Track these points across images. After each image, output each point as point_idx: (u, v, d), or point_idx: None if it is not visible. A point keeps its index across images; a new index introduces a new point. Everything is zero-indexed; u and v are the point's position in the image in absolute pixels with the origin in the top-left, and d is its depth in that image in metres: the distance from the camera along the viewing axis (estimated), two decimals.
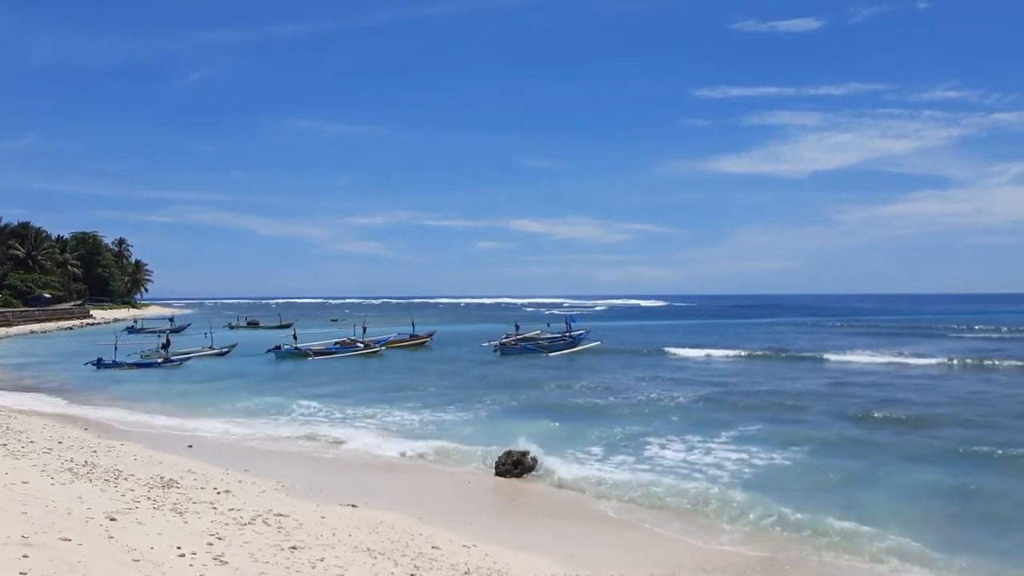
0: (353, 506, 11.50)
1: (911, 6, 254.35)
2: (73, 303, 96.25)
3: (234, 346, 44.56)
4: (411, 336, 48.33)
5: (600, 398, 23.55)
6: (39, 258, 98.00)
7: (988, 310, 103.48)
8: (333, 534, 9.51)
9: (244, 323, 76.59)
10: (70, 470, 12.31)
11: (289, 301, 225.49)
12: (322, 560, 8.19)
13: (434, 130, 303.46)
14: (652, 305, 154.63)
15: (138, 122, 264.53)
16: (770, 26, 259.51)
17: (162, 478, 12.25)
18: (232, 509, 10.29)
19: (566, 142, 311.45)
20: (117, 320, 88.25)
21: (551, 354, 39.52)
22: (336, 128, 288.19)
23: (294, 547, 8.56)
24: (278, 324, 71.16)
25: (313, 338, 45.53)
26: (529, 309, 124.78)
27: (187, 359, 38.42)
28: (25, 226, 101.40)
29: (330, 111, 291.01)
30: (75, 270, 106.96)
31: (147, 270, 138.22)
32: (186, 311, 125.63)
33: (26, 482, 10.80)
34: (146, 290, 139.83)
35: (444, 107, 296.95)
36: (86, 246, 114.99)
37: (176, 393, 26.46)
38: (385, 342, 45.36)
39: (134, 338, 53.93)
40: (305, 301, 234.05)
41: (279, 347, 41.18)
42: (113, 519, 8.85)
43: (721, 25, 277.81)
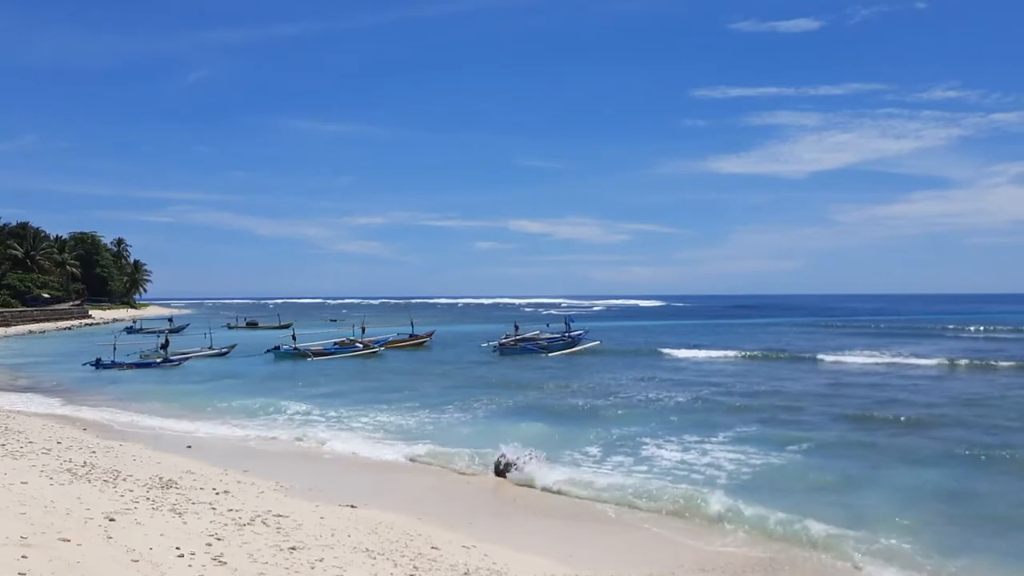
0: (352, 507, 11.50)
1: (910, 6, 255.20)
2: (72, 303, 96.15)
3: (233, 346, 44.56)
4: (410, 336, 48.32)
5: (599, 398, 23.56)
6: (37, 258, 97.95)
7: (987, 310, 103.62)
8: (332, 534, 9.52)
9: (243, 323, 76.55)
10: (69, 470, 12.30)
11: (287, 301, 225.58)
12: (321, 560, 8.19)
13: (433, 130, 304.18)
14: (650, 305, 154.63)
15: (138, 122, 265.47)
16: (770, 26, 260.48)
17: (161, 478, 12.25)
18: (231, 509, 10.30)
19: (565, 142, 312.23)
20: (116, 320, 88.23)
21: (550, 354, 39.52)
22: (336, 128, 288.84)
23: (293, 548, 8.57)
24: (277, 324, 71.12)
25: (312, 338, 45.52)
26: (527, 309, 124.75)
27: (186, 359, 38.42)
28: (23, 226, 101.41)
29: (330, 111, 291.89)
30: (74, 270, 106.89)
31: (146, 270, 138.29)
32: (185, 311, 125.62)
33: (25, 482, 10.80)
34: (145, 290, 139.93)
35: (443, 107, 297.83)
36: (85, 246, 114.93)
37: (175, 393, 26.46)
38: (384, 342, 45.35)
39: (133, 338, 53.97)
40: (303, 301, 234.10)
41: (278, 347, 41.22)
42: (112, 519, 8.86)
43: (720, 25, 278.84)
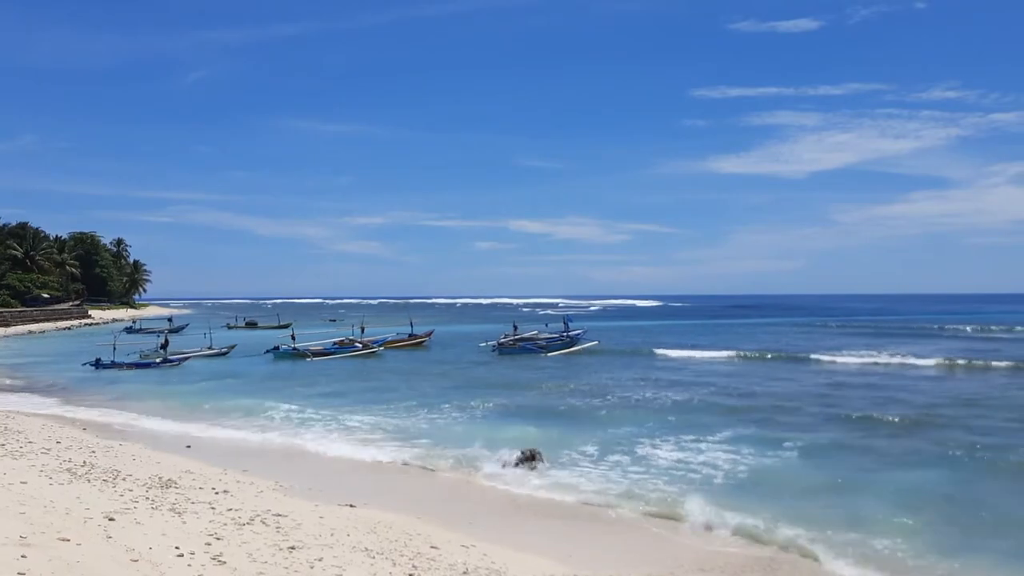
0: (351, 506, 11.52)
1: (909, 6, 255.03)
2: (71, 303, 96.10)
3: (233, 347, 44.56)
4: (409, 336, 48.33)
5: (596, 398, 23.58)
6: (37, 258, 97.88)
7: (986, 310, 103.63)
8: (331, 534, 9.53)
9: (242, 323, 76.53)
10: (68, 470, 12.32)
11: (286, 301, 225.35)
12: (320, 560, 8.21)
13: (433, 130, 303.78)
14: (647, 305, 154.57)
15: (138, 122, 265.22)
16: (769, 26, 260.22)
17: (160, 478, 12.27)
18: (230, 509, 10.31)
19: (565, 142, 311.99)
20: (115, 320, 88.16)
21: (549, 354, 39.57)
22: (335, 128, 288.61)
23: (292, 547, 8.58)
24: (276, 324, 71.12)
25: (311, 338, 45.52)
26: (525, 309, 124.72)
27: (186, 359, 38.40)
28: (23, 226, 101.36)
29: (330, 111, 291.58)
30: (73, 270, 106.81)
31: (145, 270, 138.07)
32: (184, 311, 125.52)
33: (24, 482, 10.82)
34: (144, 290, 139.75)
35: (443, 107, 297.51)
36: (84, 246, 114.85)
37: (175, 393, 26.46)
38: (383, 342, 45.35)
39: (133, 338, 53.95)
40: (302, 301, 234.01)
41: (278, 347, 41.21)
42: (112, 519, 8.87)
43: (720, 25, 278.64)
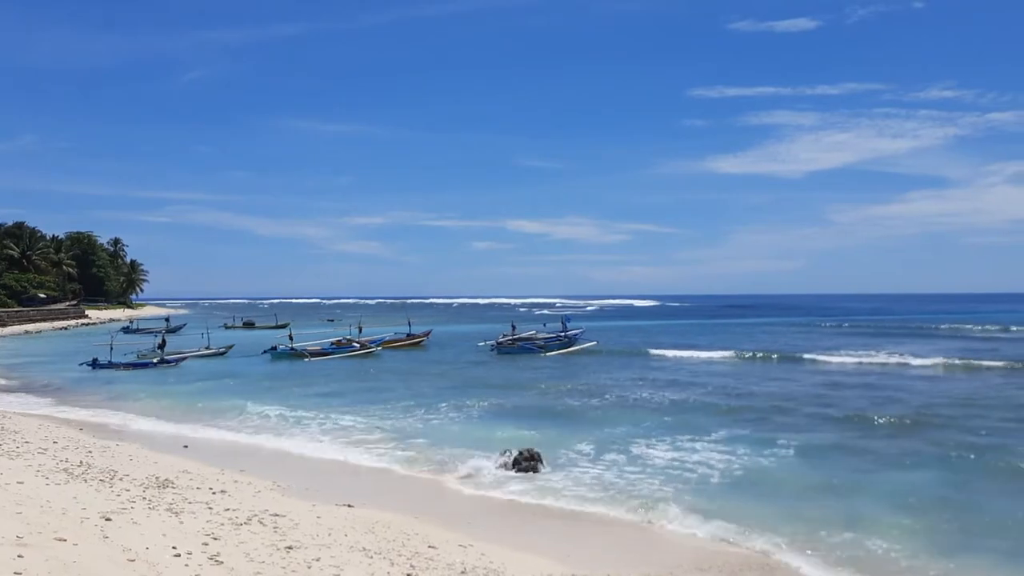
0: (349, 506, 11.50)
1: (907, 6, 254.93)
2: (68, 303, 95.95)
3: (231, 347, 44.54)
4: (407, 336, 48.29)
5: (594, 398, 23.58)
6: (34, 258, 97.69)
7: (983, 309, 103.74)
8: (329, 534, 9.52)
9: (240, 323, 76.47)
10: (65, 470, 12.30)
11: (283, 301, 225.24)
12: (318, 560, 8.19)
13: (432, 130, 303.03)
14: (644, 305, 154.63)
15: (138, 122, 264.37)
16: (767, 26, 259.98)
17: (158, 478, 12.24)
18: (228, 509, 10.29)
19: (563, 142, 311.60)
20: (112, 320, 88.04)
21: (548, 353, 39.61)
22: (334, 128, 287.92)
23: (290, 547, 8.57)
24: (274, 324, 71.06)
25: (309, 338, 45.51)
26: (522, 309, 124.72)
27: (183, 359, 38.36)
28: (20, 226, 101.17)
29: (330, 111, 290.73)
30: (70, 270, 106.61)
31: (143, 270, 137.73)
32: (181, 311, 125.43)
33: (21, 482, 10.79)
34: (142, 290, 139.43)
35: (442, 107, 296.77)
36: (81, 246, 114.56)
37: (172, 394, 26.42)
38: (381, 342, 45.31)
39: (130, 338, 53.88)
40: (299, 301, 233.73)
41: (275, 348, 41.15)
42: (108, 519, 8.85)
43: (718, 25, 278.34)
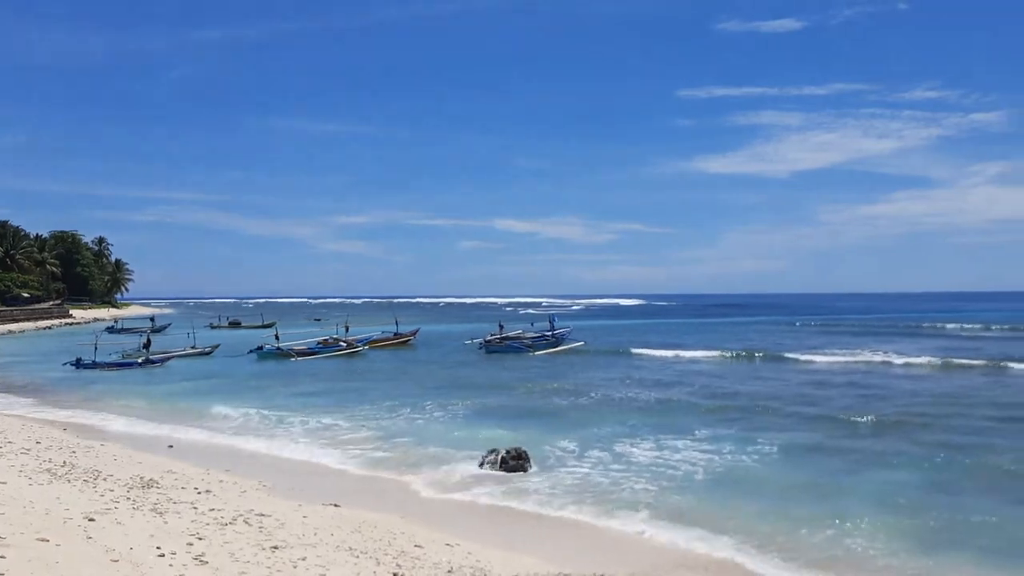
0: (336, 506, 11.48)
1: (892, 7, 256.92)
2: (52, 303, 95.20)
3: (216, 346, 44.34)
4: (395, 335, 48.18)
5: (581, 398, 23.63)
6: (17, 257, 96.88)
7: (967, 308, 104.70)
8: (315, 533, 9.49)
9: (226, 323, 76.05)
10: (48, 471, 12.21)
11: (270, 301, 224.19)
12: (304, 559, 8.17)
13: (419, 130, 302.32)
14: (630, 304, 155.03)
15: (121, 120, 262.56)
16: (753, 26, 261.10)
17: (142, 478, 12.17)
18: (213, 509, 10.25)
19: (551, 142, 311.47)
20: (97, 320, 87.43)
21: (536, 352, 39.68)
22: (322, 128, 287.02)
23: (275, 547, 8.54)
24: (260, 324, 70.70)
25: (296, 338, 45.33)
26: (508, 309, 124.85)
27: (168, 359, 38.13)
28: (3, 225, 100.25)
29: (316, 111, 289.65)
30: (54, 269, 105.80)
31: (128, 269, 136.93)
32: (167, 311, 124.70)
33: (3, 482, 10.70)
34: (127, 290, 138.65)
35: (430, 107, 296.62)
36: (65, 245, 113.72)
37: (157, 393, 26.25)
38: (367, 341, 45.19)
39: (114, 338, 53.50)
40: (286, 301, 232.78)
41: (261, 347, 40.96)
42: (92, 519, 8.79)
43: (705, 25, 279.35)
